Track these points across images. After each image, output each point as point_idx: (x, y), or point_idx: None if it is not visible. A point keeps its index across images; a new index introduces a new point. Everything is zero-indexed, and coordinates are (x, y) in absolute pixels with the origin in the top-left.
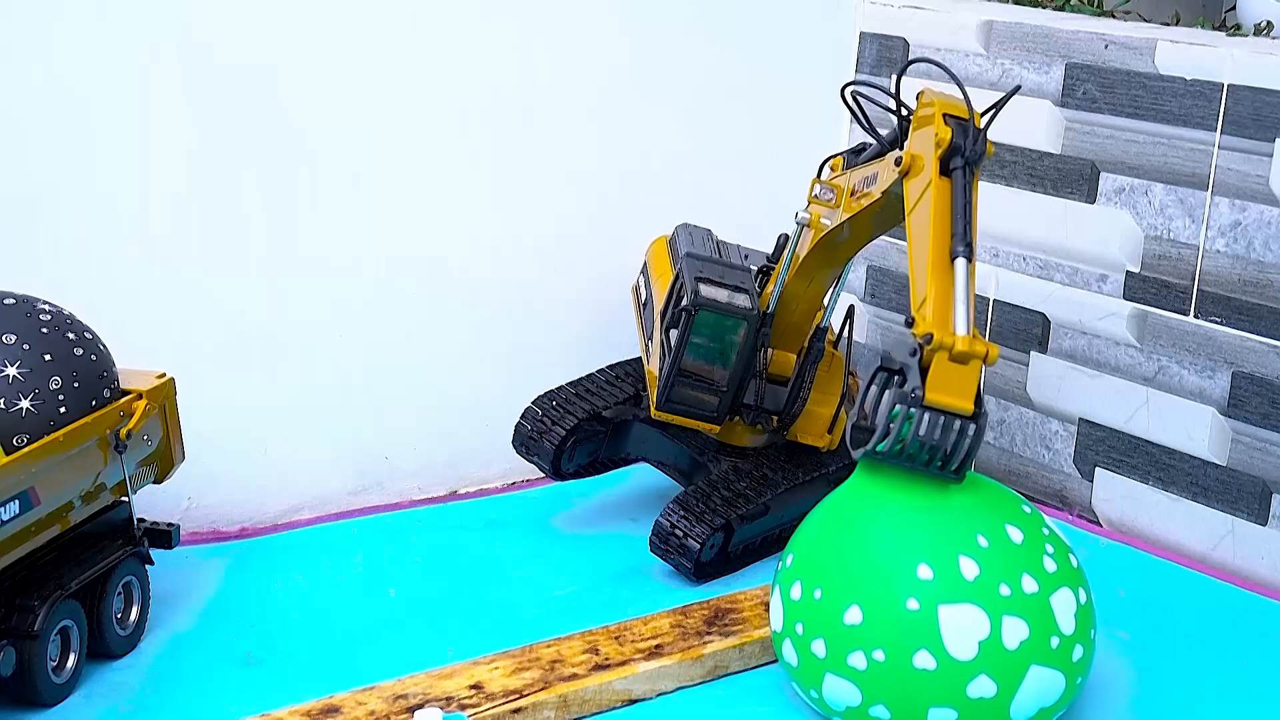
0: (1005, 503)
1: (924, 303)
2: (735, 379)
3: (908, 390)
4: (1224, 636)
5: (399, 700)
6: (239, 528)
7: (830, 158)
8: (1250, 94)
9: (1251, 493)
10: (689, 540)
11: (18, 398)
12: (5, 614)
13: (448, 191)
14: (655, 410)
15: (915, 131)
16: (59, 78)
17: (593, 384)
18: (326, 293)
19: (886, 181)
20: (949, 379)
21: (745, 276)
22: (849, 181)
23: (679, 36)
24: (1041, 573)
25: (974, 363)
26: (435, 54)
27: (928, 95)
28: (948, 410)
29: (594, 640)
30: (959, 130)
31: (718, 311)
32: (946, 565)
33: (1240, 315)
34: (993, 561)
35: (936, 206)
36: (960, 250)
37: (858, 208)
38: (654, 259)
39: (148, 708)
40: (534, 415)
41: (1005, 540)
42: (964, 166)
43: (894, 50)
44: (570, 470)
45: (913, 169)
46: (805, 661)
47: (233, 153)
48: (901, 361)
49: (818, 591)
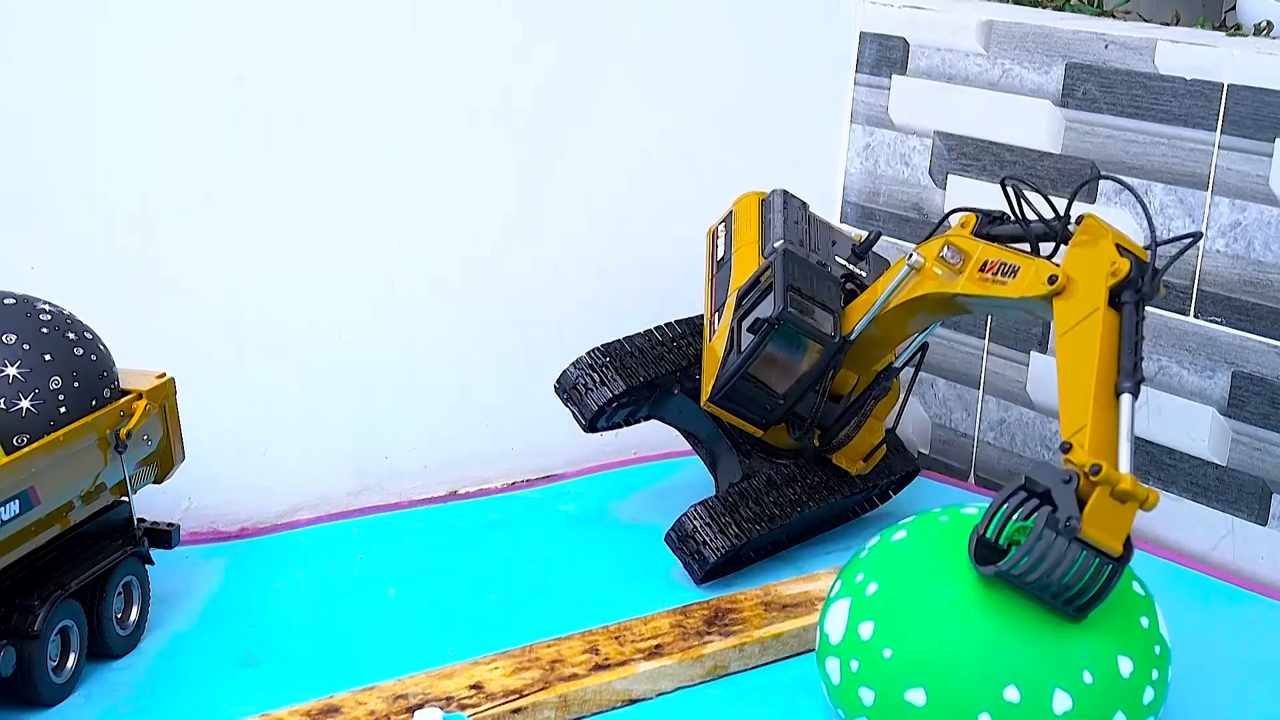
0: (1126, 619)
1: (1080, 430)
2: (796, 393)
3: (1061, 518)
4: (1224, 636)
5: (399, 700)
6: (239, 528)
7: (960, 210)
8: (1250, 94)
9: (1251, 493)
10: (706, 549)
11: (18, 397)
12: (5, 614)
13: (448, 194)
14: (706, 401)
15: (1074, 251)
16: (59, 79)
17: (649, 345)
18: (327, 294)
19: (1029, 290)
20: (1106, 516)
21: (835, 291)
22: (980, 253)
23: (680, 37)
24: (1136, 708)
25: (1132, 504)
26: (435, 52)
27: (1094, 220)
28: (1097, 547)
29: (594, 640)
30: (1136, 265)
31: (801, 330)
32: (1039, 695)
33: (1240, 315)
34: (1090, 699)
35: (1104, 337)
36: (1127, 386)
37: (983, 290)
38: (741, 217)
39: (147, 707)
40: (585, 366)
41: (1113, 674)
42: (1136, 302)
43: (894, 50)
44: (603, 427)
45: (1068, 290)
46: (846, 691)
47: (232, 154)
48: (1048, 485)
49: (888, 650)
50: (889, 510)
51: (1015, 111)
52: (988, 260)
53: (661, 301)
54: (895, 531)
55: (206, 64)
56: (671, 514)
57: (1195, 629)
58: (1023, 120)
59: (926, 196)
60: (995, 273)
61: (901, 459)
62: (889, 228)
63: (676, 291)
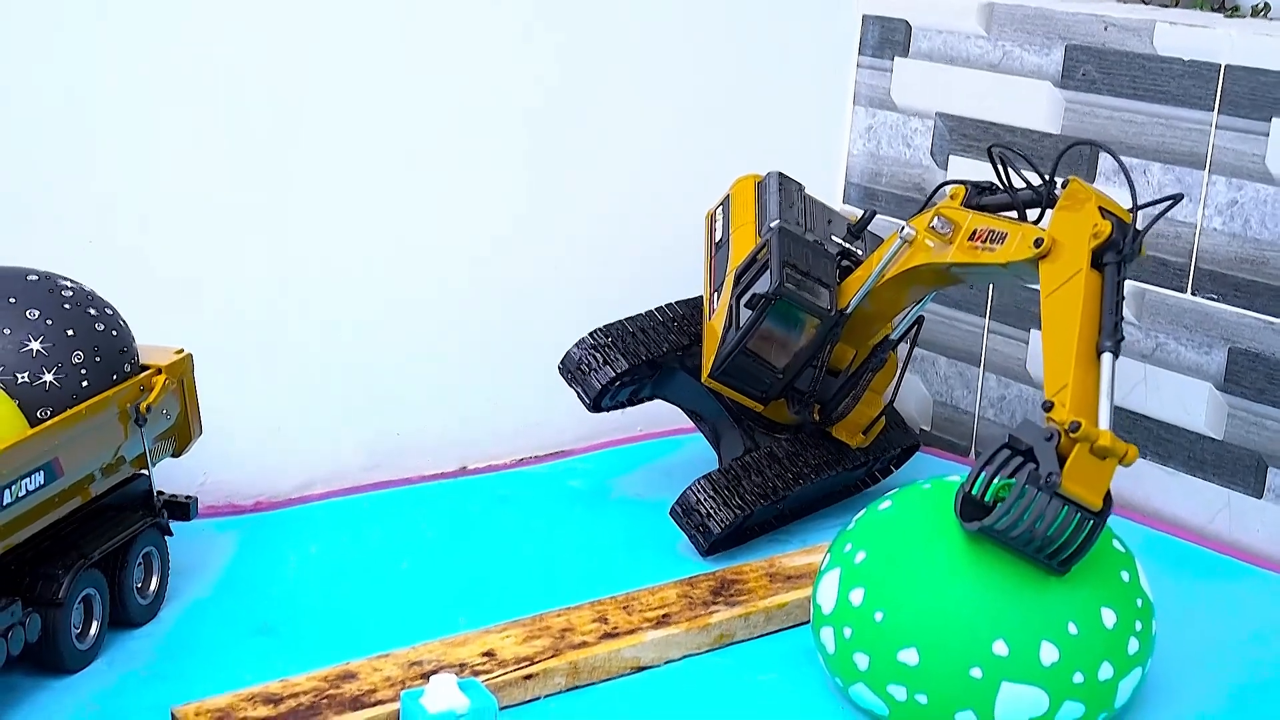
0: (1107, 572)
1: (1062, 389)
2: (795, 368)
3: (1042, 474)
4: (1221, 608)
5: (414, 667)
6: (254, 502)
7: (950, 183)
8: (1247, 74)
9: (1247, 466)
10: (711, 521)
11: (41, 372)
12: (31, 582)
13: (458, 175)
14: (706, 377)
15: (1059, 215)
16: (63, 76)
17: (650, 325)
18: (341, 277)
19: (1016, 254)
20: (1086, 471)
21: (830, 267)
22: (969, 223)
23: (683, 20)
24: (1122, 658)
25: (1111, 460)
26: (434, 51)
27: (1079, 184)
28: (1077, 502)
29: (603, 610)
30: (1118, 227)
31: (797, 304)
32: (1026, 648)
33: (1237, 292)
34: (1076, 650)
35: (1087, 298)
36: (1108, 346)
37: (972, 258)
38: (738, 199)
39: (167, 674)
40: (588, 346)
41: (1097, 626)
42: (1118, 263)
43: (896, 33)
44: (607, 406)
45: (1053, 253)
46: (841, 658)
47: (248, 136)
48: (1030, 443)
49: (880, 614)
50: (889, 485)
51: (1016, 93)
52: (977, 229)
53: (665, 283)
54: (881, 503)
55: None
56: (676, 490)
57: (1192, 600)
58: (1023, 101)
59: (929, 177)
60: (984, 240)
61: (901, 434)
62: (891, 208)
63: (680, 274)
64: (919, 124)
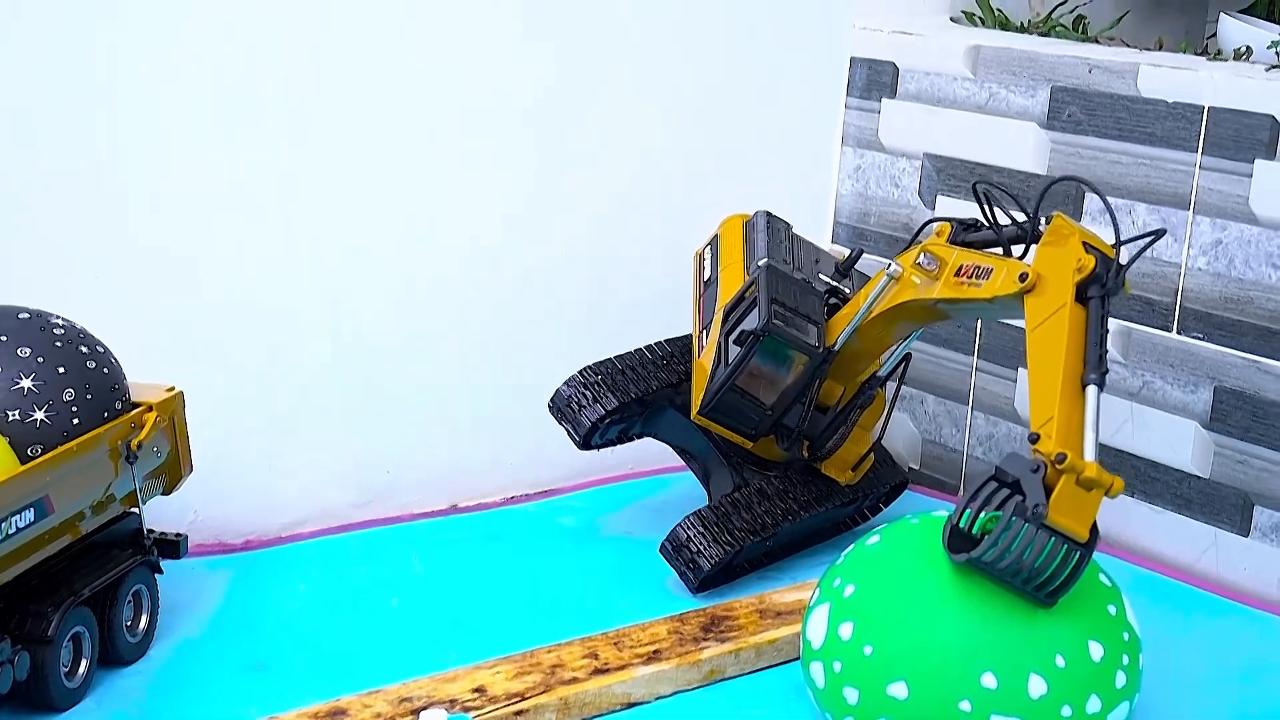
0: (1094, 606)
1: (1048, 421)
2: (783, 404)
3: (1029, 506)
4: (1209, 645)
5: (404, 703)
6: (244, 540)
7: (936, 220)
8: (1230, 116)
9: (1234, 504)
10: (700, 558)
11: (32, 409)
12: (20, 620)
13: (445, 212)
14: (696, 414)
15: (1043, 250)
16: (60, 84)
17: (640, 363)
18: (330, 314)
19: (1001, 289)
20: (1073, 502)
21: (818, 304)
22: (955, 259)
23: (674, 62)
24: (1109, 691)
25: (1097, 491)
26: (434, 54)
27: (1063, 220)
28: (1064, 533)
29: (593, 646)
30: (1102, 261)
31: (785, 341)
32: (1014, 680)
33: (1221, 331)
34: (1064, 683)
35: (1071, 331)
36: (1093, 378)
37: (959, 294)
38: (726, 239)
39: (157, 712)
40: (578, 383)
41: (1084, 659)
42: (1102, 297)
43: (884, 75)
44: (597, 444)
45: (1038, 288)
46: (831, 693)
47: (236, 167)
48: (1017, 475)
49: (869, 648)
50: (878, 522)
51: (1002, 134)
52: (963, 265)
53: (654, 322)
54: (869, 537)
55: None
56: (665, 527)
57: (1179, 637)
58: (1010, 142)
59: (917, 217)
60: (970, 276)
61: (890, 470)
62: (880, 248)
63: (669, 313)
64: (907, 164)
